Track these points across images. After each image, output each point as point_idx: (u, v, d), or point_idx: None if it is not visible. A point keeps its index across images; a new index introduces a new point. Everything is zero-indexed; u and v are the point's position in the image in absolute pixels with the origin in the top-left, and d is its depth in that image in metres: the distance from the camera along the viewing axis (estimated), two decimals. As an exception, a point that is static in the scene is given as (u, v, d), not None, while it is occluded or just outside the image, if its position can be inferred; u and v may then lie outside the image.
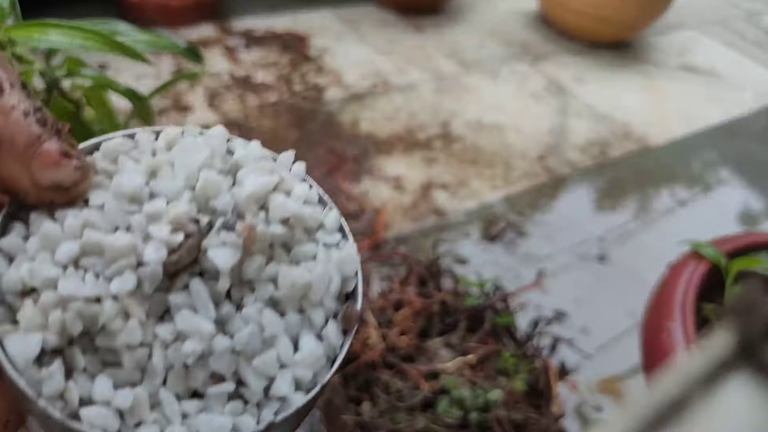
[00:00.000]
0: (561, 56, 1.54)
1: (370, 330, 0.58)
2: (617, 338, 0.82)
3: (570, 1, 1.50)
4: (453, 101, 1.28)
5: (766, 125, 1.40)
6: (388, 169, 1.05)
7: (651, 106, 1.40)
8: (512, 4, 1.78)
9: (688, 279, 0.64)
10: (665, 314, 0.63)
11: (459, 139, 1.16)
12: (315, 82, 1.26)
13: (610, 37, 1.56)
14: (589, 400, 0.73)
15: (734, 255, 0.65)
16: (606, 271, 0.92)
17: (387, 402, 0.52)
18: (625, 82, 1.47)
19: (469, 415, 0.51)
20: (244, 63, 1.27)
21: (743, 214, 1.11)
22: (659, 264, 0.69)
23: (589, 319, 0.84)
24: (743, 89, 1.54)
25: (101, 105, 0.56)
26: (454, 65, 1.41)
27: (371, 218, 0.94)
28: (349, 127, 1.14)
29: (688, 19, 1.89)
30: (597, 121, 1.30)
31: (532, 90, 1.37)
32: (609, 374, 0.77)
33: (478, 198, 1.02)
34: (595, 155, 1.19)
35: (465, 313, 0.61)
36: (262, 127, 1.10)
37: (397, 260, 0.87)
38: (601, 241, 0.98)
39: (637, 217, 1.05)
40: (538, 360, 0.57)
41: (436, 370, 0.55)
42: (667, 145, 1.26)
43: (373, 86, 1.28)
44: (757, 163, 1.25)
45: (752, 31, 1.89)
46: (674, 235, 0.97)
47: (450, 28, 1.58)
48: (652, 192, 1.12)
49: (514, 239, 0.95)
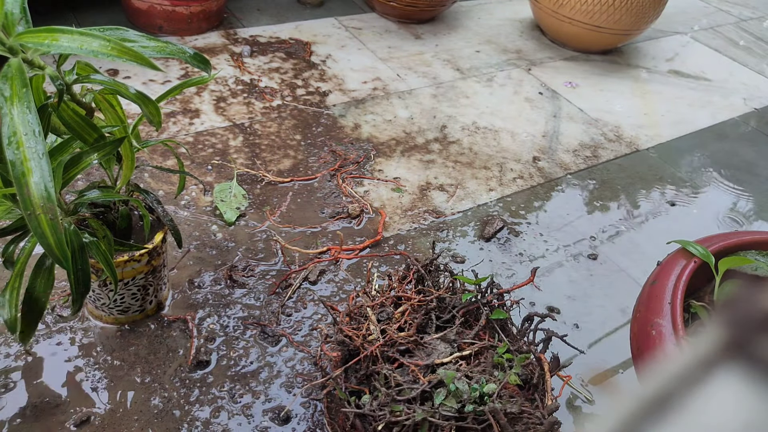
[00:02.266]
0: (554, 62, 1.57)
1: (371, 326, 0.60)
2: (609, 333, 0.85)
3: (564, 8, 1.53)
4: (450, 106, 1.31)
5: (754, 128, 1.43)
6: (387, 171, 1.08)
7: (642, 110, 1.43)
8: (508, 12, 1.81)
9: (677, 276, 0.66)
10: (655, 310, 0.65)
11: (456, 143, 1.19)
12: (318, 87, 1.28)
13: (603, 43, 1.59)
14: (582, 393, 0.75)
15: (722, 253, 0.67)
16: (597, 269, 0.94)
17: (386, 395, 0.54)
18: (617, 86, 1.50)
19: (465, 407, 0.53)
20: (249, 69, 1.29)
21: (731, 213, 1.13)
22: (649, 262, 0.72)
23: (582, 315, 0.86)
24: (732, 93, 1.57)
25: (111, 109, 0.58)
26: (452, 71, 1.44)
27: (371, 218, 0.96)
28: (351, 130, 1.17)
29: (679, 25, 1.92)
30: (589, 124, 1.33)
31: (526, 95, 1.40)
32: (601, 368, 0.79)
33: (474, 199, 1.05)
34: (587, 157, 1.22)
35: (461, 309, 0.63)
36: (267, 131, 1.12)
37: (397, 259, 0.89)
38: (593, 240, 1.00)
39: (628, 217, 1.07)
40: (532, 354, 0.59)
41: (433, 364, 0.57)
42: (657, 148, 1.29)
43: (374, 91, 1.31)
44: (745, 164, 1.28)
45: (742, 37, 1.93)
46: (664, 234, 1.00)
47: (447, 35, 1.61)
48: (643, 193, 1.14)
49: (509, 238, 0.98)
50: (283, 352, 0.74)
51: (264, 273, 0.83)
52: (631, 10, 1.48)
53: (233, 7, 1.52)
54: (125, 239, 0.66)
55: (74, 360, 0.69)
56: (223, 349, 0.73)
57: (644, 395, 0.13)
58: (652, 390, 0.13)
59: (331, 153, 1.10)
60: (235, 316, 0.77)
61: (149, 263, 0.69)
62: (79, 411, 0.64)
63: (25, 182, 0.39)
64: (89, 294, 0.66)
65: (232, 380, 0.70)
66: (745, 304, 0.13)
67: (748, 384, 0.12)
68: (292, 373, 0.72)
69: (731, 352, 0.13)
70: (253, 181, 0.99)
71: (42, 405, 0.64)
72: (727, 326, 0.13)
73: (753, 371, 0.12)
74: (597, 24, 1.52)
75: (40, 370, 0.67)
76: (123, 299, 0.70)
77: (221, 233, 0.88)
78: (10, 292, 0.52)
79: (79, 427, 0.63)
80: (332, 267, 0.86)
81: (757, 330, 0.12)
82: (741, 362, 0.12)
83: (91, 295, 0.70)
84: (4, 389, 0.65)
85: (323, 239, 0.90)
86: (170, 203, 0.92)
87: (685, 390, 0.13)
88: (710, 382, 0.13)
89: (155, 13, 1.31)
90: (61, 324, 0.72)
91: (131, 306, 0.72)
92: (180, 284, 0.80)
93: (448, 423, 0.52)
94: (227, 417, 0.66)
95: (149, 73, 1.23)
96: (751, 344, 0.12)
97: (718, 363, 0.13)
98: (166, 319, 0.75)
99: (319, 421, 0.67)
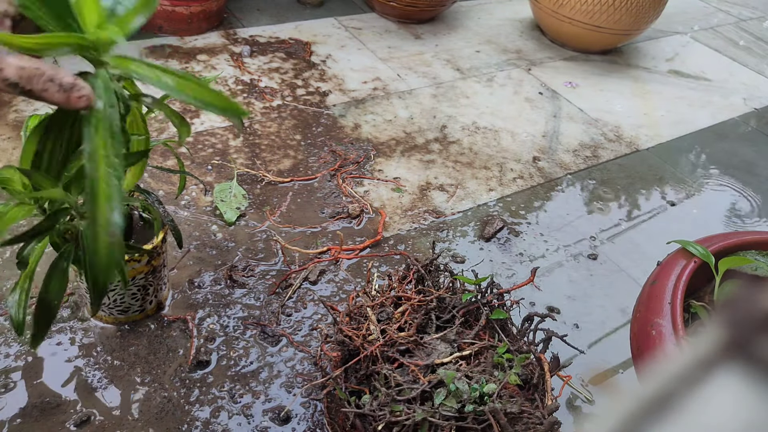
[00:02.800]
0: (554, 62, 1.57)
1: (371, 326, 0.60)
2: (609, 333, 0.85)
3: (564, 8, 1.53)
4: (450, 106, 1.31)
5: (754, 128, 1.43)
6: (388, 171, 1.08)
7: (642, 110, 1.43)
8: (508, 12, 1.81)
9: (677, 276, 0.66)
10: (655, 310, 0.65)
11: (456, 143, 1.19)
12: (318, 87, 1.28)
13: (603, 43, 1.59)
14: (582, 393, 0.75)
15: (722, 253, 0.67)
16: (598, 269, 0.94)
17: (386, 395, 0.54)
18: (617, 86, 1.50)
19: (465, 407, 0.53)
20: (249, 69, 1.29)
21: (731, 213, 1.13)
22: (649, 262, 0.72)
23: (582, 315, 0.86)
24: (732, 93, 1.57)
25: (136, 119, 0.57)
26: (452, 71, 1.44)
27: (371, 218, 0.96)
28: (351, 130, 1.17)
29: (679, 25, 1.92)
30: (589, 124, 1.33)
31: (526, 95, 1.40)
32: (601, 368, 0.79)
33: (474, 199, 1.05)
34: (587, 157, 1.22)
35: (461, 309, 0.63)
36: (267, 131, 1.12)
37: (397, 259, 0.89)
38: (593, 240, 1.00)
39: (628, 217, 1.07)
40: (532, 354, 0.59)
41: (433, 364, 0.57)
42: (657, 148, 1.29)
43: (374, 91, 1.31)
44: (745, 164, 1.28)
45: (742, 37, 1.93)
46: (664, 234, 1.00)
47: (447, 35, 1.61)
48: (643, 193, 1.14)
49: (509, 238, 0.98)
50: (283, 352, 0.74)
51: (264, 273, 0.83)
52: (631, 10, 1.48)
53: (233, 7, 1.52)
54: (126, 239, 0.66)
55: (74, 360, 0.69)
56: (223, 349, 0.73)
57: (644, 395, 0.13)
58: (652, 390, 0.13)
59: (331, 153, 1.10)
60: (235, 316, 0.77)
61: (149, 263, 0.69)
62: (79, 411, 0.64)
63: (96, 202, 0.37)
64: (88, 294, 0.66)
65: (232, 380, 0.70)
66: (745, 304, 0.13)
67: (748, 384, 0.12)
68: (292, 373, 0.72)
69: (731, 352, 0.13)
70: (253, 181, 0.99)
71: (42, 405, 0.64)
72: (727, 326, 0.13)
73: (753, 371, 0.12)
74: (597, 24, 1.52)
75: (40, 370, 0.67)
76: (123, 299, 0.70)
77: (221, 233, 0.88)
78: (20, 294, 0.52)
79: (79, 427, 0.63)
80: (332, 267, 0.86)
81: (757, 330, 0.12)
82: (741, 362, 0.12)
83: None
84: (4, 389, 0.65)
85: (323, 239, 0.90)
86: (170, 203, 0.92)
87: (685, 390, 0.13)
88: (710, 382, 0.13)
89: (155, 13, 1.31)
90: (61, 324, 0.72)
91: (131, 306, 0.72)
92: (180, 284, 0.80)
93: (448, 423, 0.52)
94: (227, 417, 0.66)
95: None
96: (751, 344, 0.12)
97: (718, 363, 0.13)
98: (166, 319, 0.75)
99: (319, 421, 0.67)
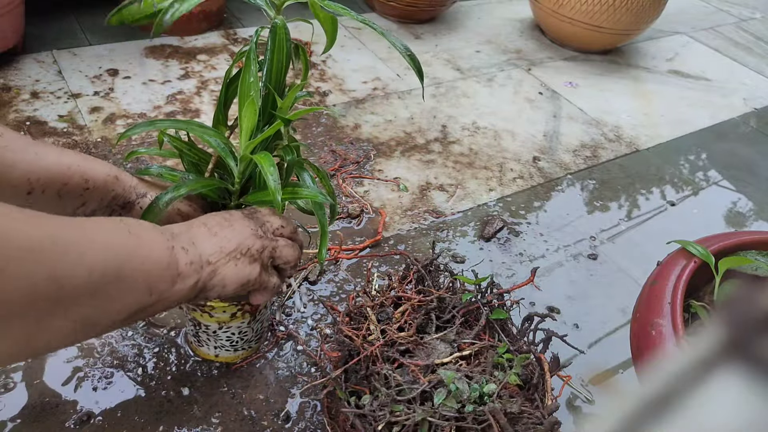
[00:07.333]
0: (554, 62, 1.57)
1: (371, 326, 0.60)
2: (609, 333, 0.85)
3: (564, 8, 1.53)
4: (450, 106, 1.31)
5: (754, 128, 1.43)
6: (388, 171, 1.08)
7: (642, 110, 1.43)
8: (508, 12, 1.81)
9: (677, 276, 0.66)
10: (655, 310, 0.65)
11: (456, 142, 1.19)
12: (318, 87, 1.28)
13: (603, 43, 1.59)
14: (582, 393, 0.75)
15: (722, 254, 0.67)
16: (598, 269, 0.94)
17: (386, 395, 0.54)
18: (617, 86, 1.50)
19: (465, 407, 0.53)
20: (245, 69, 1.29)
21: (731, 213, 1.13)
22: (649, 262, 0.72)
23: (582, 315, 0.86)
24: (732, 93, 1.57)
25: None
26: (452, 71, 1.44)
27: (371, 218, 0.96)
28: (351, 130, 1.17)
29: (679, 25, 1.92)
30: (589, 124, 1.33)
31: (526, 95, 1.40)
32: (601, 368, 0.79)
33: (474, 199, 1.05)
34: (588, 157, 1.22)
35: (461, 309, 0.63)
36: (264, 131, 1.12)
37: (397, 259, 0.89)
38: (593, 240, 1.00)
39: (628, 217, 1.07)
40: (532, 354, 0.59)
41: (433, 365, 0.57)
42: (657, 148, 1.29)
43: (374, 91, 1.31)
44: (745, 164, 1.28)
45: (742, 36, 1.93)
46: (664, 234, 1.00)
47: (447, 35, 1.61)
48: (643, 193, 1.14)
49: (509, 238, 0.98)
50: (282, 352, 0.74)
51: (264, 273, 0.83)
52: (631, 9, 1.48)
53: (233, 7, 1.52)
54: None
55: (74, 360, 0.69)
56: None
57: (644, 395, 0.13)
58: (652, 390, 0.13)
59: (331, 153, 1.10)
60: (235, 316, 0.77)
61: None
62: (80, 411, 0.64)
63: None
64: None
65: (231, 379, 0.70)
66: (745, 304, 0.13)
67: (748, 384, 0.12)
68: (292, 373, 0.72)
69: (731, 352, 0.13)
70: (253, 181, 0.99)
71: (42, 405, 0.64)
72: (727, 326, 0.13)
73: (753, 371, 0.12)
74: (597, 24, 1.52)
75: (40, 370, 0.67)
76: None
77: (221, 233, 0.88)
78: None
79: (80, 427, 0.63)
80: (332, 267, 0.86)
81: (757, 330, 0.12)
82: (741, 362, 0.12)
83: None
84: (4, 389, 0.65)
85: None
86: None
87: (685, 390, 0.13)
88: (710, 382, 0.13)
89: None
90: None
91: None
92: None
93: (448, 423, 0.52)
94: (227, 416, 0.66)
95: (149, 72, 1.23)
96: (751, 344, 0.12)
97: (718, 363, 0.13)
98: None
99: (318, 421, 0.67)
